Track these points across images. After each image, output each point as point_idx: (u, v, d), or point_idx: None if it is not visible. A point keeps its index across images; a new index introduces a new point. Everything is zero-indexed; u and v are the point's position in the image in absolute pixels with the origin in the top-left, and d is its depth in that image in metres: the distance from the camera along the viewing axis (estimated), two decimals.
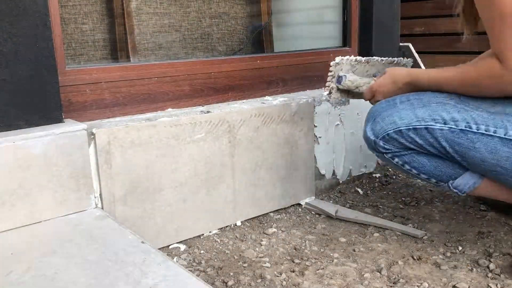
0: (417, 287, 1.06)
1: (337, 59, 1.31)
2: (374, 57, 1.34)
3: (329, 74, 1.32)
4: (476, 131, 1.02)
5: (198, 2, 1.95)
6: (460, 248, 1.23)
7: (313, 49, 1.77)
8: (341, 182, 1.67)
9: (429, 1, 3.77)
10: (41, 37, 1.05)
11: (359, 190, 1.66)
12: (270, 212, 1.47)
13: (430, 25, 3.74)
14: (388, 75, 1.22)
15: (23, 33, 1.03)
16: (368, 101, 1.29)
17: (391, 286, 1.07)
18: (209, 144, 1.29)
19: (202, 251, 1.25)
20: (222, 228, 1.36)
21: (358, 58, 1.32)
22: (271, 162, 1.43)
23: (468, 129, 1.03)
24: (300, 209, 1.51)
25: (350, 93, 1.34)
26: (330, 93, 1.33)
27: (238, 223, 1.39)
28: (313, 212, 1.49)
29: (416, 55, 1.87)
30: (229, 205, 1.37)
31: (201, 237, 1.32)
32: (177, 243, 1.27)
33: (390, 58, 1.37)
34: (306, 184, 1.54)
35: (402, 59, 1.41)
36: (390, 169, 1.81)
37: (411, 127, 1.09)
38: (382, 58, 1.35)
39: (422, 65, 1.86)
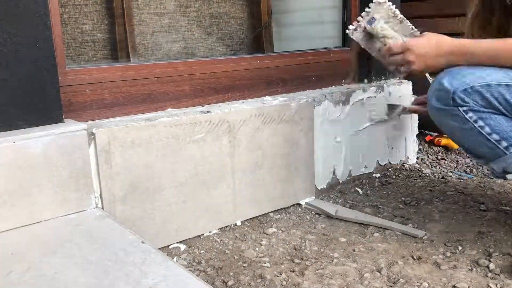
0: (417, 287, 1.06)
1: (381, 0, 1.23)
2: (407, 21, 1.26)
3: (366, 10, 1.24)
4: None
5: (198, 2, 1.95)
6: (460, 248, 1.23)
7: (313, 49, 1.77)
8: (341, 182, 1.67)
9: (429, 1, 3.76)
10: (41, 37, 1.05)
11: (359, 190, 1.66)
12: (270, 212, 1.47)
13: (430, 25, 3.73)
14: (430, 37, 1.13)
15: (23, 33, 1.03)
16: (384, 61, 1.19)
17: (391, 286, 1.07)
18: (209, 144, 1.29)
19: (202, 251, 1.25)
20: (222, 228, 1.36)
21: (397, 11, 1.25)
22: (271, 162, 1.43)
23: None
24: (300, 209, 1.51)
25: (370, 42, 1.25)
26: (355, 29, 1.25)
27: (238, 223, 1.39)
28: (313, 212, 1.49)
29: None
30: (229, 205, 1.37)
31: (201, 237, 1.32)
32: (177, 243, 1.27)
33: (418, 32, 1.26)
34: (306, 184, 1.54)
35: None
36: (390, 169, 1.81)
37: (502, 83, 1.05)
38: (414, 27, 1.26)
39: None
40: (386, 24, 1.24)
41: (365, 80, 1.81)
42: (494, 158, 1.13)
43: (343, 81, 1.79)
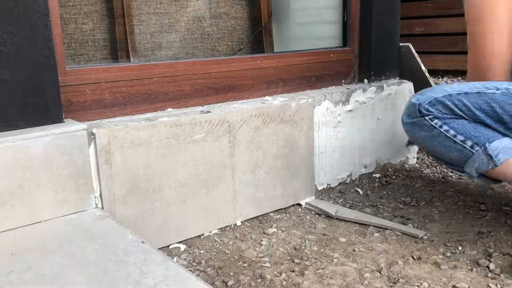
0: (417, 287, 1.06)
1: None
2: None
3: None
4: None
5: (198, 2, 1.95)
6: (460, 248, 1.23)
7: (313, 49, 1.77)
8: (341, 182, 1.66)
9: (429, 1, 3.77)
10: (41, 37, 1.05)
11: (359, 190, 1.66)
12: (270, 212, 1.47)
13: (430, 25, 3.73)
14: None
15: (23, 33, 1.03)
16: None
17: (391, 286, 1.07)
18: (209, 144, 1.29)
19: (202, 251, 1.25)
20: (222, 228, 1.36)
21: None
22: (271, 162, 1.43)
23: None
24: (300, 209, 1.51)
25: None
26: None
27: (238, 223, 1.39)
28: (313, 212, 1.49)
29: (416, 55, 1.87)
30: (229, 205, 1.37)
31: (201, 237, 1.32)
32: (177, 243, 1.27)
33: None
34: (306, 184, 1.54)
35: None
36: (390, 169, 1.81)
37: (462, 92, 1.16)
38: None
39: (422, 65, 1.86)
40: None
41: (365, 80, 1.81)
42: (465, 160, 1.20)
43: (343, 81, 1.79)
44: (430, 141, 1.24)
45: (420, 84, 1.82)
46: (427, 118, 1.20)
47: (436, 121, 1.19)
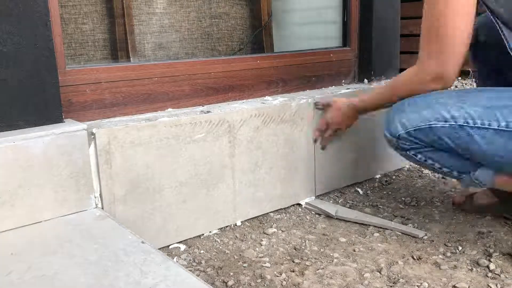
0: (417, 287, 1.06)
1: None
2: None
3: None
4: (473, 125, 1.10)
5: (198, 2, 1.95)
6: (460, 248, 1.23)
7: (313, 49, 1.77)
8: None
9: None
10: (41, 37, 1.05)
11: (359, 190, 1.66)
12: (270, 212, 1.47)
13: None
14: (336, 107, 1.46)
15: (23, 33, 1.03)
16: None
17: (391, 286, 1.07)
18: (209, 144, 1.29)
19: (202, 251, 1.25)
20: (222, 228, 1.36)
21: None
22: (271, 162, 1.43)
23: (465, 124, 1.10)
24: (300, 209, 1.51)
25: None
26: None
27: (238, 223, 1.39)
28: (313, 212, 1.49)
29: None
30: (229, 205, 1.37)
31: (201, 237, 1.32)
32: (177, 243, 1.27)
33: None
34: (306, 184, 1.54)
35: None
36: (390, 169, 1.81)
37: (417, 128, 1.16)
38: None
39: None
40: None
41: (365, 80, 1.81)
42: (457, 179, 1.26)
43: (343, 81, 1.79)
44: (420, 165, 1.28)
45: None
46: (409, 153, 1.21)
47: (419, 156, 1.21)
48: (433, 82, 1.16)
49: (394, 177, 1.77)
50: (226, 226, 1.37)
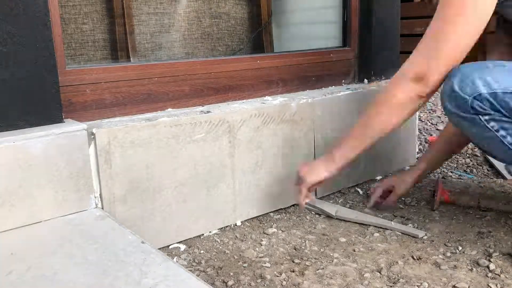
0: (417, 287, 1.06)
1: None
2: None
3: None
4: None
5: (198, 2, 1.95)
6: (460, 248, 1.23)
7: (313, 49, 1.77)
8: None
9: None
10: (41, 37, 1.05)
11: (359, 190, 1.66)
12: (270, 212, 1.47)
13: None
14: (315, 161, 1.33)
15: (23, 33, 1.03)
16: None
17: (391, 286, 1.07)
18: (209, 144, 1.29)
19: (202, 251, 1.25)
20: (222, 228, 1.36)
21: None
22: (271, 162, 1.43)
23: None
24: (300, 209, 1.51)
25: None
26: None
27: (238, 223, 1.39)
28: (313, 212, 1.49)
29: None
30: (229, 205, 1.37)
31: (201, 237, 1.32)
32: (177, 243, 1.27)
33: None
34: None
35: None
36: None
37: (508, 91, 1.02)
38: None
39: None
40: None
41: (365, 80, 1.81)
42: None
43: (343, 81, 1.79)
44: (479, 138, 1.13)
45: None
46: (482, 118, 1.06)
47: (492, 124, 1.06)
48: (412, 81, 1.09)
49: None
50: (226, 226, 1.37)
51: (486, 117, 1.06)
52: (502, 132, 1.07)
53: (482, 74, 1.04)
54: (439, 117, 2.59)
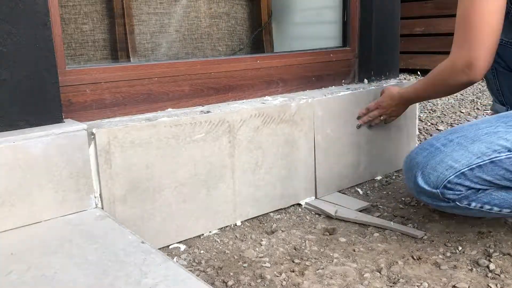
0: (417, 287, 1.06)
1: None
2: None
3: None
4: None
5: (198, 2, 1.95)
6: (460, 248, 1.23)
7: (313, 49, 1.77)
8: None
9: (429, 1, 3.76)
10: (41, 37, 1.05)
11: (359, 190, 1.66)
12: (270, 212, 1.47)
13: (430, 25, 3.73)
14: (388, 93, 1.55)
15: (23, 33, 1.03)
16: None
17: (391, 286, 1.07)
18: (209, 144, 1.29)
19: (202, 251, 1.25)
20: (222, 228, 1.37)
21: None
22: (271, 162, 1.43)
23: None
24: (300, 209, 1.51)
25: None
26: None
27: (238, 223, 1.39)
28: (313, 212, 1.49)
29: None
30: (229, 205, 1.37)
31: (201, 237, 1.32)
32: (177, 243, 1.27)
33: None
34: (306, 184, 1.54)
35: None
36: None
37: (474, 166, 1.04)
38: None
39: None
40: None
41: (365, 80, 1.81)
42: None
43: (343, 81, 1.79)
44: (464, 213, 1.19)
45: None
46: (462, 204, 1.11)
47: (474, 204, 1.11)
48: (463, 73, 1.13)
49: (394, 177, 1.77)
50: (226, 226, 1.37)
51: (465, 202, 1.10)
52: (487, 207, 1.11)
53: (437, 161, 1.07)
54: (439, 117, 2.59)
